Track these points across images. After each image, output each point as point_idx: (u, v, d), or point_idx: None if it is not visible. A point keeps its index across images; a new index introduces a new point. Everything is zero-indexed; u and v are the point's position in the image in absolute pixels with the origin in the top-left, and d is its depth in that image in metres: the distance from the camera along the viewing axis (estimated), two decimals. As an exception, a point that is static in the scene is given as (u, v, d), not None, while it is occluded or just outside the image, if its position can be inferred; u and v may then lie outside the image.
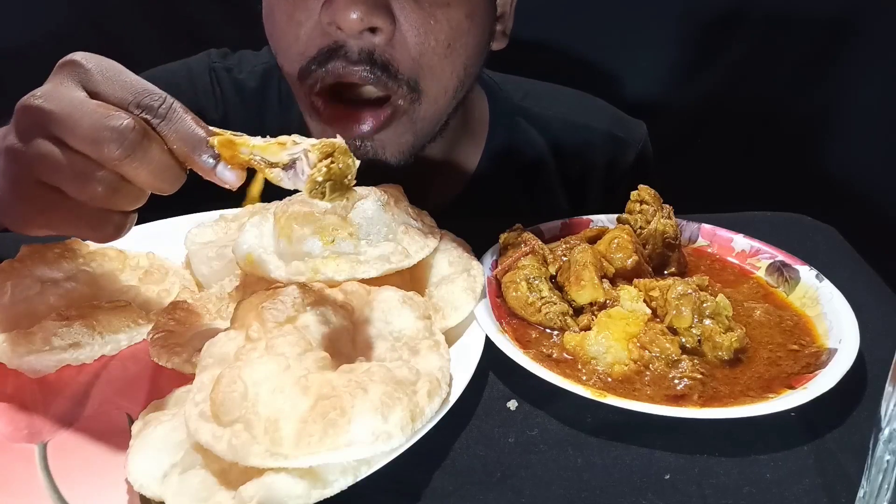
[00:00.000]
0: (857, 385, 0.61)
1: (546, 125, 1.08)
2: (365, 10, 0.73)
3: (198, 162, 0.54)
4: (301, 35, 0.79)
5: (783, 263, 0.75)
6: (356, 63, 0.77)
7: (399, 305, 0.61)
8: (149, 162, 0.53)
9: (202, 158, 0.54)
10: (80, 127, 0.52)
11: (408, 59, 0.78)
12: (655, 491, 0.52)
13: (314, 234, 0.65)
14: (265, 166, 0.56)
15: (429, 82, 0.81)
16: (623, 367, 0.61)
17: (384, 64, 0.77)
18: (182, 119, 0.55)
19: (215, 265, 0.73)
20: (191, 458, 0.51)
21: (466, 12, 0.79)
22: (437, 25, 0.77)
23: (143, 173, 0.53)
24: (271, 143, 0.56)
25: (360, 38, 0.76)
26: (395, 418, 0.50)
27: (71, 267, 0.70)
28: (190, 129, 0.54)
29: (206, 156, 0.54)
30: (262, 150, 0.56)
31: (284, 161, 0.56)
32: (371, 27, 0.75)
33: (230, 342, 0.56)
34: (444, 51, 0.79)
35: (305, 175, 0.56)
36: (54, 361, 0.62)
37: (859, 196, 1.29)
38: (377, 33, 0.75)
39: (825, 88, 1.32)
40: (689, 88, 1.38)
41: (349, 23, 0.73)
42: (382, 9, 0.74)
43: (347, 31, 0.75)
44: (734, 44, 1.33)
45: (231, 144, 0.55)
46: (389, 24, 0.75)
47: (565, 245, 0.75)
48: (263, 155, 0.56)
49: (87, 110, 0.52)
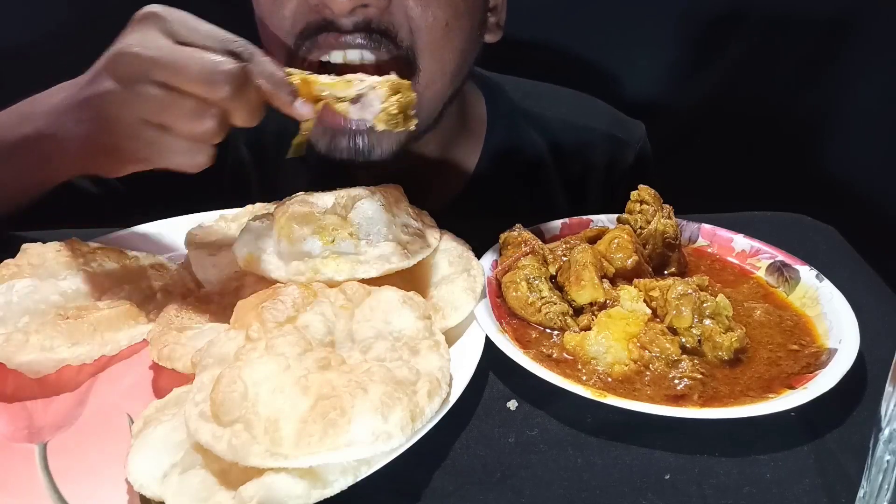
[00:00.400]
0: (857, 385, 0.61)
1: (545, 125, 1.08)
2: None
3: (281, 97, 0.62)
4: (286, 13, 0.78)
5: (783, 263, 0.75)
6: (350, 33, 0.76)
7: (399, 305, 0.61)
8: (248, 100, 0.60)
9: (284, 95, 0.62)
10: (190, 71, 0.57)
11: (406, 28, 0.78)
12: (655, 491, 0.52)
13: (314, 234, 0.65)
14: (335, 101, 0.65)
15: (427, 61, 0.80)
16: (623, 367, 0.61)
17: (383, 30, 0.77)
18: (263, 62, 0.61)
19: (215, 265, 0.73)
20: (191, 458, 0.51)
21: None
22: (433, 1, 0.77)
23: (243, 110, 0.60)
24: (339, 80, 0.66)
25: (351, 14, 0.75)
26: (395, 418, 0.50)
27: (71, 267, 0.70)
28: (272, 70, 0.62)
29: (286, 93, 0.62)
30: (332, 87, 0.65)
31: (352, 95, 0.65)
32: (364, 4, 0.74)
33: (230, 342, 0.56)
34: (442, 29, 0.79)
35: (375, 107, 0.66)
36: (54, 361, 0.62)
37: (859, 196, 1.29)
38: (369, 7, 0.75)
39: (825, 88, 1.32)
40: (689, 88, 1.38)
41: (338, 5, 0.73)
42: None
43: (338, 12, 0.74)
44: (733, 44, 1.33)
45: (306, 82, 0.64)
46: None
47: (565, 245, 0.75)
48: (333, 91, 0.65)
49: (190, 56, 0.58)
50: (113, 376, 0.64)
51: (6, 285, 0.66)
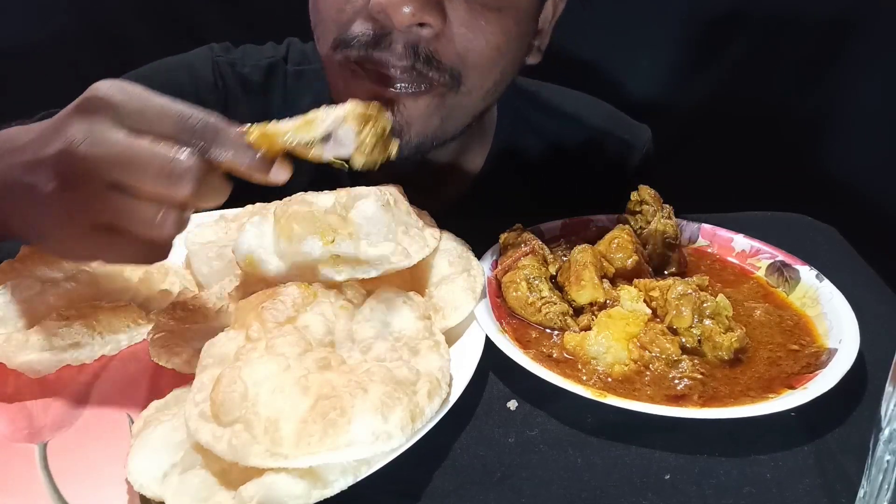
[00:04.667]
0: (857, 385, 0.61)
1: (552, 126, 1.08)
2: (418, 5, 0.72)
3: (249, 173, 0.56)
4: (347, 9, 0.77)
5: (783, 263, 0.75)
6: (401, 57, 0.75)
7: (399, 305, 0.61)
8: (213, 188, 0.55)
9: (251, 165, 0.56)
10: (149, 170, 0.51)
11: (453, 54, 0.77)
12: (655, 491, 0.52)
13: (314, 234, 0.65)
14: (304, 147, 0.58)
15: (472, 78, 0.80)
16: (623, 367, 0.61)
17: (428, 56, 0.76)
18: (221, 132, 0.55)
19: (215, 265, 0.73)
20: (191, 458, 0.51)
21: (516, 19, 0.80)
22: (487, 27, 0.77)
23: (208, 199, 0.55)
24: (299, 123, 0.58)
25: (408, 31, 0.75)
26: (395, 418, 0.50)
27: (71, 267, 0.70)
28: (230, 141, 0.55)
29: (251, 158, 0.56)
30: (295, 132, 0.58)
31: (319, 136, 0.58)
32: (421, 22, 0.74)
33: (230, 342, 0.56)
34: (491, 52, 0.79)
35: (348, 144, 0.59)
36: (54, 361, 0.62)
37: (859, 196, 1.29)
38: (425, 27, 0.75)
39: (825, 88, 1.32)
40: (690, 89, 1.38)
41: (401, 16, 0.72)
42: (435, 5, 0.74)
43: (397, 24, 0.74)
44: (734, 44, 1.33)
45: (266, 136, 0.56)
46: (440, 21, 0.75)
47: (565, 245, 0.75)
48: (297, 136, 0.58)
49: (147, 153, 0.51)
50: (113, 376, 0.64)
51: (6, 285, 0.66)
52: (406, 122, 0.81)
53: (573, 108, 1.11)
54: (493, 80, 0.83)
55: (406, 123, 0.81)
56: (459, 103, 0.82)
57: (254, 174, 0.56)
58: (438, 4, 0.74)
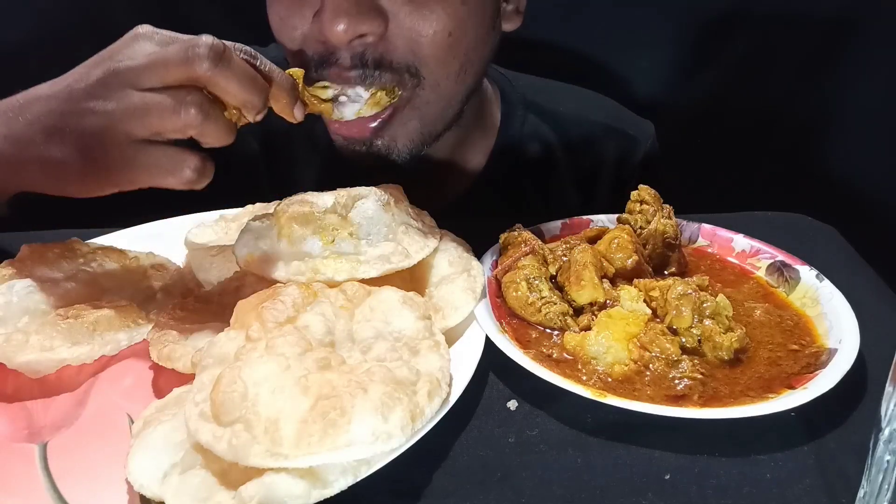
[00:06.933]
0: (857, 385, 0.61)
1: (557, 121, 1.08)
2: (349, 21, 0.74)
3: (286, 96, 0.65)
4: (297, 37, 0.80)
5: (783, 263, 0.75)
6: (350, 69, 0.78)
7: (399, 305, 0.61)
8: (235, 68, 0.58)
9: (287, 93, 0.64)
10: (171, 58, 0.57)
11: (403, 52, 0.78)
12: (655, 491, 0.52)
13: (314, 234, 0.65)
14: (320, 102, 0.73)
15: (430, 68, 0.81)
16: (623, 367, 0.61)
17: (376, 61, 0.78)
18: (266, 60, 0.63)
19: (215, 265, 0.73)
20: (191, 458, 0.51)
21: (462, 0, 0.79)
22: (432, 16, 0.77)
23: (233, 83, 0.58)
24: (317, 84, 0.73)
25: (350, 46, 0.77)
26: (395, 418, 0.50)
27: (71, 267, 0.70)
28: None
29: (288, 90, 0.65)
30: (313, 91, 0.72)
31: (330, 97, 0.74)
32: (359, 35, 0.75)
33: (230, 342, 0.56)
34: (444, 39, 0.79)
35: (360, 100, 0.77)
36: (54, 361, 0.62)
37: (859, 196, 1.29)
38: (366, 36, 0.76)
39: (825, 88, 1.32)
40: (690, 88, 1.38)
41: (336, 36, 0.75)
42: (368, 13, 0.75)
43: (338, 44, 0.76)
44: (734, 44, 1.33)
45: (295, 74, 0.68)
46: (378, 26, 0.76)
47: (565, 245, 0.75)
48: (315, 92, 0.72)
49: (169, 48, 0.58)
50: (113, 376, 0.64)
51: (6, 285, 0.66)
52: (392, 141, 0.83)
53: (576, 104, 1.11)
54: (459, 63, 0.83)
55: (392, 142, 0.83)
56: (430, 96, 0.83)
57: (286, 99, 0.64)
58: (373, 10, 0.75)
